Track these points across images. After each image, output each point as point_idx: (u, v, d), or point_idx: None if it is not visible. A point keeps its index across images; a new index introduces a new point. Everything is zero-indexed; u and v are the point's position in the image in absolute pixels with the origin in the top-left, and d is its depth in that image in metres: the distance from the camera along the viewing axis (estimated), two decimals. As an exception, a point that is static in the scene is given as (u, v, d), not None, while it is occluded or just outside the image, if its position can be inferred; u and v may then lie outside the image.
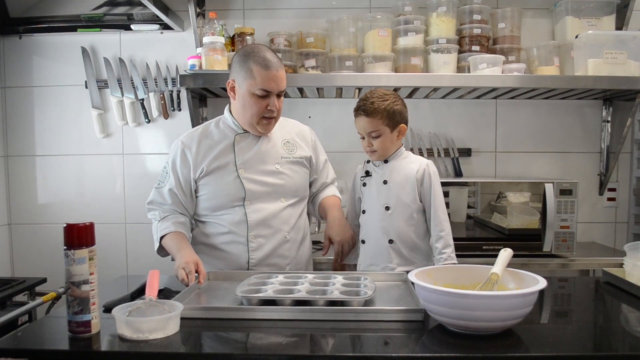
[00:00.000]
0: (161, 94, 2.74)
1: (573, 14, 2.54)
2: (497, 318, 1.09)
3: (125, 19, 2.67)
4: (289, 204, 1.75)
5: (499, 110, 2.78)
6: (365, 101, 1.71)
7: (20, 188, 2.83)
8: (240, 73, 1.66)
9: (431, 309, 1.15)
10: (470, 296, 1.09)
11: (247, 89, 1.64)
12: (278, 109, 1.68)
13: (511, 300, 1.08)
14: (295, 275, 1.49)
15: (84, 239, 1.08)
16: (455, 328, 1.13)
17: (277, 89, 1.64)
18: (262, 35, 2.61)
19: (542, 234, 2.32)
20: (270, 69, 1.61)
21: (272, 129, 1.75)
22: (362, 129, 1.73)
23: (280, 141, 1.79)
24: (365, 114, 1.70)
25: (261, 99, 1.64)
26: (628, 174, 2.77)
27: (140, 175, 2.81)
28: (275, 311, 1.20)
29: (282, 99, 1.70)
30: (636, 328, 1.23)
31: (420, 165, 1.74)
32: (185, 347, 1.05)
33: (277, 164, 1.75)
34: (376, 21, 2.54)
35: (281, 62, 1.68)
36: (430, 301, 1.14)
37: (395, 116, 1.71)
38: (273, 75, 1.61)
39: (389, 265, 1.71)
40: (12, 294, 1.93)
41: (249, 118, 1.68)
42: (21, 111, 2.81)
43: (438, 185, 1.73)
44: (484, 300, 1.08)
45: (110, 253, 2.76)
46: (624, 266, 1.55)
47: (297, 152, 1.80)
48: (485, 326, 1.10)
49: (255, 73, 1.61)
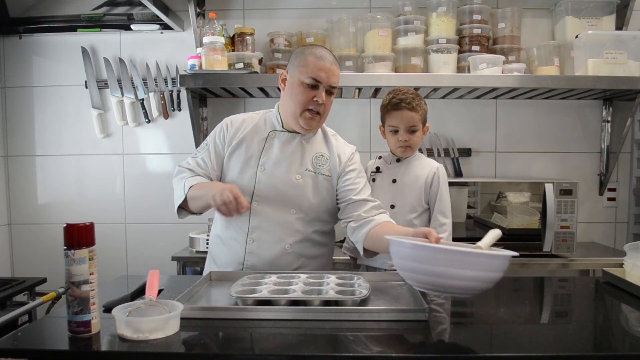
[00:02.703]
0: (161, 94, 2.74)
1: (573, 14, 2.54)
2: (468, 277, 1.09)
3: (125, 19, 2.67)
4: (299, 217, 1.66)
5: (499, 110, 2.78)
6: (406, 96, 1.75)
7: (20, 188, 2.84)
8: (294, 63, 1.64)
9: (403, 266, 1.17)
10: (442, 250, 1.11)
11: (297, 77, 1.62)
12: (325, 106, 1.64)
13: (482, 259, 1.10)
14: (288, 275, 1.48)
15: (84, 239, 1.08)
16: (425, 287, 1.16)
17: (327, 82, 1.61)
18: (262, 35, 2.61)
19: (542, 234, 2.32)
20: (324, 60, 1.61)
21: (314, 128, 1.68)
22: (403, 122, 1.75)
23: (314, 153, 1.70)
24: (410, 108, 1.74)
25: (309, 88, 1.60)
26: (628, 174, 2.77)
27: (140, 175, 2.81)
28: (275, 311, 1.20)
29: (331, 99, 1.66)
30: (636, 328, 1.23)
31: (431, 169, 1.78)
32: (185, 347, 1.05)
33: (298, 174, 1.67)
34: (376, 21, 2.54)
35: (337, 62, 1.67)
36: (402, 257, 1.16)
37: (426, 115, 1.79)
38: (326, 67, 1.60)
39: (387, 262, 1.72)
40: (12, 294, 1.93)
41: (294, 108, 1.63)
42: (21, 111, 2.81)
43: (446, 189, 1.77)
44: (456, 256, 1.09)
45: (110, 253, 2.76)
46: (624, 266, 1.55)
47: (324, 169, 1.70)
48: (456, 285, 1.11)
49: (309, 62, 1.60)
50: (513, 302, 1.46)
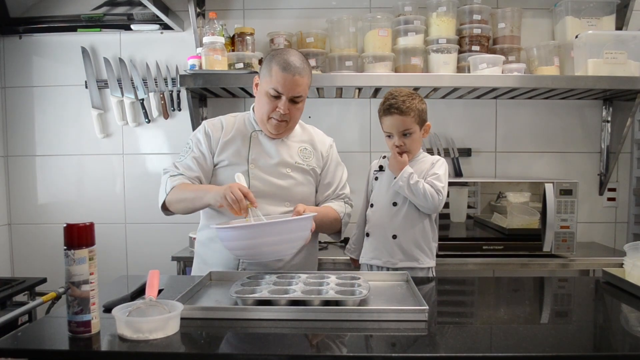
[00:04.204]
0: (161, 94, 2.74)
1: (573, 14, 2.54)
2: (273, 242, 1.42)
3: (125, 19, 2.67)
4: (291, 209, 1.70)
5: (499, 110, 2.78)
6: (396, 100, 1.72)
7: (20, 188, 2.84)
8: (263, 70, 1.68)
9: (228, 246, 1.49)
10: (242, 227, 1.43)
11: (263, 87, 1.66)
12: (290, 114, 1.67)
13: (283, 225, 1.46)
14: (288, 275, 1.49)
15: (84, 239, 1.08)
16: (248, 258, 1.58)
17: (289, 94, 1.63)
18: (262, 35, 2.61)
19: (542, 234, 2.32)
20: (288, 72, 1.61)
21: (282, 134, 1.74)
22: (394, 127, 1.73)
23: (298, 147, 1.78)
24: (400, 113, 1.71)
25: (273, 98, 1.65)
26: (628, 174, 2.77)
27: (140, 175, 2.81)
28: (275, 311, 1.20)
29: (299, 106, 1.69)
30: (636, 328, 1.23)
31: (432, 160, 1.78)
32: (185, 347, 1.05)
33: (288, 168, 1.73)
34: (376, 21, 2.54)
35: (306, 70, 1.66)
36: (225, 239, 1.47)
37: (423, 114, 1.75)
38: (288, 79, 1.61)
39: (390, 260, 1.72)
40: (12, 294, 1.93)
41: (260, 114, 1.70)
42: (21, 111, 2.81)
43: (443, 173, 1.73)
44: (255, 228, 1.42)
45: (110, 253, 2.76)
46: (624, 266, 1.55)
47: (311, 161, 1.79)
48: (267, 251, 1.44)
49: (273, 72, 1.62)
50: (513, 302, 1.46)
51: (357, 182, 2.12)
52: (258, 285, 1.36)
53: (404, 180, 1.68)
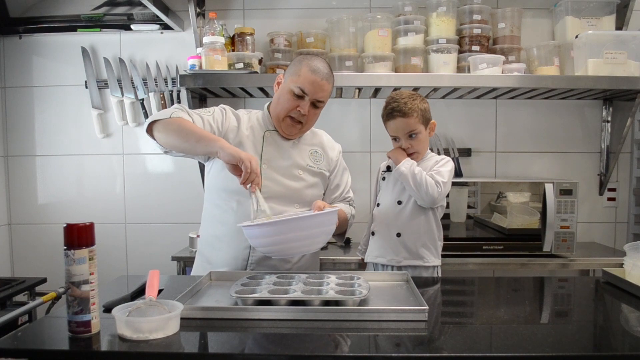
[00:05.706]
0: (161, 94, 2.74)
1: (573, 14, 2.54)
2: (301, 237, 1.42)
3: (125, 19, 2.67)
4: (301, 211, 1.71)
5: (499, 110, 2.78)
6: (397, 103, 1.72)
7: (20, 188, 2.84)
8: (290, 70, 1.71)
9: (256, 244, 1.47)
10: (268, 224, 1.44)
11: (288, 84, 1.68)
12: (307, 117, 1.69)
13: (310, 220, 1.44)
14: (288, 275, 1.49)
15: (84, 239, 1.08)
16: (276, 255, 1.51)
17: (313, 95, 1.66)
18: (262, 35, 2.61)
19: (542, 234, 2.32)
20: (317, 74, 1.65)
21: (295, 135, 1.75)
22: (400, 130, 1.74)
23: (309, 150, 1.80)
24: (403, 115, 1.71)
25: (296, 97, 1.66)
26: (628, 174, 2.77)
27: (140, 175, 2.81)
28: (275, 311, 1.20)
29: (317, 111, 1.72)
30: (636, 328, 1.23)
31: (436, 161, 1.77)
32: (185, 347, 1.05)
33: (300, 170, 1.74)
34: (376, 21, 2.54)
35: (331, 78, 1.70)
36: (253, 236, 1.45)
37: (426, 113, 1.76)
38: (316, 81, 1.65)
39: (394, 258, 1.72)
40: (12, 294, 1.93)
41: (278, 111, 1.71)
42: (21, 111, 2.81)
43: (445, 167, 1.73)
44: (282, 224, 1.44)
45: (110, 253, 2.76)
46: (624, 266, 1.55)
47: (322, 164, 1.81)
48: (292, 247, 1.44)
49: (302, 72, 1.66)
50: (513, 302, 1.46)
51: (357, 182, 2.13)
52: (258, 285, 1.36)
53: (407, 167, 1.69)
